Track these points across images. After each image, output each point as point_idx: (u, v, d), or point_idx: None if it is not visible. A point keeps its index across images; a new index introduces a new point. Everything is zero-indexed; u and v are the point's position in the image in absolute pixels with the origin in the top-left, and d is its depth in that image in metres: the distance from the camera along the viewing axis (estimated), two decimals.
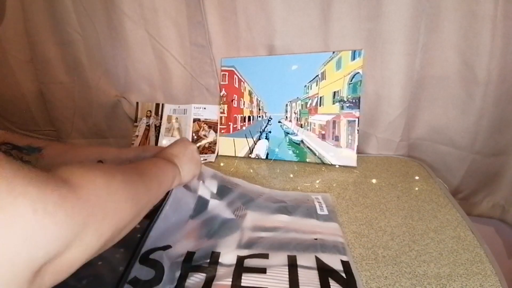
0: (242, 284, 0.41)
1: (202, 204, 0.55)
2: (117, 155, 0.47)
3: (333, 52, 0.74)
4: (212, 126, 0.88)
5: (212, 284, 0.41)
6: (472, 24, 0.63)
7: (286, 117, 0.81)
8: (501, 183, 0.75)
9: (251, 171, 0.77)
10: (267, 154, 0.81)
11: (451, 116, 0.72)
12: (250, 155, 0.82)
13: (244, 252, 0.46)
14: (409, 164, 0.76)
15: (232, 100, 0.85)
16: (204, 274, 0.43)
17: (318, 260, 0.44)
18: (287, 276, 0.42)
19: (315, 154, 0.77)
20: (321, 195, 0.62)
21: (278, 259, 0.45)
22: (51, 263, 0.21)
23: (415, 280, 0.42)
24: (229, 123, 0.86)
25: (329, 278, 0.41)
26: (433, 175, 0.69)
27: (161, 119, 0.90)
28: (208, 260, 0.45)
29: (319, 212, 0.56)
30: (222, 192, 0.59)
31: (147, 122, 0.90)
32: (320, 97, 0.76)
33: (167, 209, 0.53)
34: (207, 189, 0.58)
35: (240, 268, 0.43)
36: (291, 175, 0.73)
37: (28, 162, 0.38)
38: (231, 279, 0.41)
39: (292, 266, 0.43)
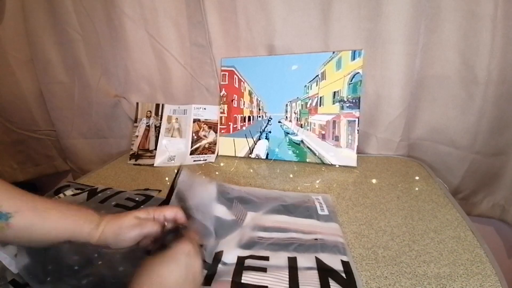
0: (243, 281, 0.41)
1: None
2: (90, 234, 0.38)
3: (333, 52, 0.74)
4: (212, 126, 0.88)
5: (213, 280, 0.41)
6: (472, 24, 0.63)
7: (286, 117, 0.81)
8: (501, 183, 0.75)
9: (251, 171, 0.77)
10: (267, 154, 0.81)
11: (451, 116, 0.72)
12: (250, 155, 0.82)
13: (245, 253, 0.46)
14: (409, 164, 0.76)
15: (232, 100, 0.85)
16: (205, 271, 0.43)
17: (318, 260, 0.44)
18: (287, 275, 0.42)
19: (315, 154, 0.77)
20: (321, 195, 0.62)
21: (279, 261, 0.45)
22: None
23: (415, 280, 0.42)
24: (229, 123, 0.86)
25: (329, 278, 0.41)
26: (433, 175, 0.69)
27: (161, 119, 0.89)
28: (211, 261, 0.45)
29: (319, 212, 0.56)
30: (221, 197, 0.59)
31: (147, 123, 0.90)
32: (320, 97, 0.76)
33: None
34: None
35: (240, 266, 0.43)
36: (291, 175, 0.73)
37: None
38: (231, 277, 0.42)
39: (292, 267, 0.43)
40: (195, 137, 0.87)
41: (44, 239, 0.37)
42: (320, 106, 0.77)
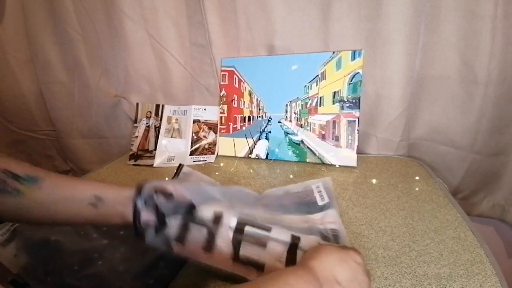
0: (241, 253, 0.40)
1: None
2: (117, 194, 0.40)
3: (333, 52, 0.74)
4: (212, 127, 0.88)
5: (214, 243, 0.41)
6: (472, 24, 0.63)
7: (286, 117, 0.81)
8: (501, 183, 0.75)
9: (251, 171, 0.77)
10: (267, 154, 0.81)
11: (451, 116, 0.72)
12: (250, 155, 0.82)
13: (246, 219, 0.44)
14: (409, 164, 0.76)
15: (232, 100, 0.85)
16: (205, 229, 0.42)
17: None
18: (285, 255, 0.40)
19: (315, 154, 0.77)
20: (321, 180, 0.58)
21: (281, 235, 0.42)
22: None
23: (415, 281, 0.42)
24: (229, 123, 0.86)
25: None
26: (433, 175, 0.69)
27: (161, 120, 0.89)
28: (210, 219, 0.43)
29: (319, 203, 0.54)
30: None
31: (147, 123, 0.90)
32: (320, 97, 0.76)
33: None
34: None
35: (239, 234, 0.42)
36: (291, 175, 0.73)
37: (22, 193, 0.34)
38: (231, 244, 0.41)
39: (293, 246, 0.41)
40: (195, 137, 0.87)
41: (72, 199, 0.38)
42: (320, 106, 0.77)
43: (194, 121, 0.88)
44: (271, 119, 0.82)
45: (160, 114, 0.90)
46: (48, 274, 0.42)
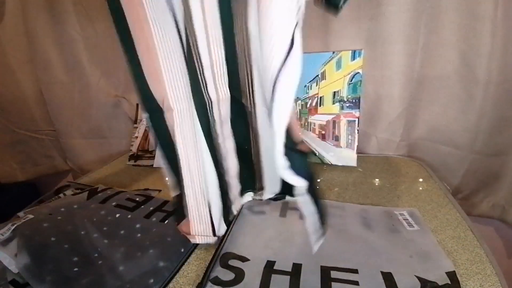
0: None
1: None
2: None
3: (333, 52, 0.74)
4: None
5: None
6: (472, 24, 0.63)
7: None
8: (501, 183, 0.75)
9: None
10: None
11: (451, 116, 0.72)
12: None
13: (328, 263, 0.43)
14: (409, 164, 0.76)
15: None
16: (287, 276, 0.40)
17: (420, 279, 0.39)
18: None
19: (315, 154, 0.77)
20: (406, 210, 0.55)
21: (370, 275, 0.40)
22: None
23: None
24: None
25: None
26: (433, 175, 0.69)
27: None
28: (290, 270, 0.42)
29: (407, 228, 0.50)
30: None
31: (146, 124, 0.90)
32: (320, 97, 0.76)
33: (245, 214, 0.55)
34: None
35: (327, 279, 0.40)
36: None
37: None
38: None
39: (390, 282, 0.39)
40: None
41: None
42: (320, 106, 0.77)
43: None
44: None
45: None
46: (48, 274, 0.42)
